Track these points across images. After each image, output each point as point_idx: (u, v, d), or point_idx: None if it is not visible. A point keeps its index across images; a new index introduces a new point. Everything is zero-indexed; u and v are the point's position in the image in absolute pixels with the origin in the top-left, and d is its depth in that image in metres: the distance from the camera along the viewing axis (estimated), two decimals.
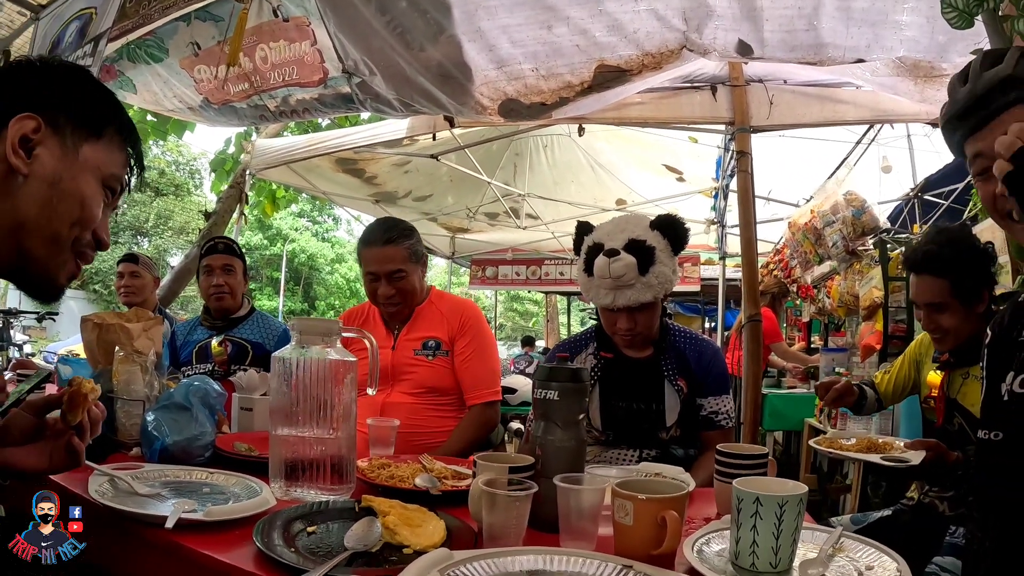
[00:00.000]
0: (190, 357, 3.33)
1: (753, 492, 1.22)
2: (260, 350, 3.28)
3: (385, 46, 3.06)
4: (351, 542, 1.25)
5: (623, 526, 1.26)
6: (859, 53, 2.58)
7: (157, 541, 1.34)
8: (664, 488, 1.32)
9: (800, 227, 5.89)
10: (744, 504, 1.22)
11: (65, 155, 1.16)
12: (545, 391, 1.49)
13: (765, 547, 1.21)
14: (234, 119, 4.21)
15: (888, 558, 1.28)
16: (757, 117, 3.81)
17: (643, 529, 1.24)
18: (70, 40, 3.17)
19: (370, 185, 7.19)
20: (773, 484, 1.28)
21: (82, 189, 1.19)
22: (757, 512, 1.21)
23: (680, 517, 1.23)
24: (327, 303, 33.33)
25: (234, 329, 3.37)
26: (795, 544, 1.24)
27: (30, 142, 1.12)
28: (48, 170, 1.14)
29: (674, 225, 2.32)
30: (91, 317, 2.31)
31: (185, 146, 29.12)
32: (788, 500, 1.21)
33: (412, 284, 2.68)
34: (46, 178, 1.14)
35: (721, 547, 1.34)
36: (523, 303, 35.10)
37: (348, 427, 1.65)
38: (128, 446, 2.02)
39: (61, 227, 1.17)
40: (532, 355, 12.48)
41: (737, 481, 1.26)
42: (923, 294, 2.42)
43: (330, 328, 1.69)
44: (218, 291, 3.33)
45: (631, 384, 2.39)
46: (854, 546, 1.35)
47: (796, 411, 5.73)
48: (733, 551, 1.26)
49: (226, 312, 3.39)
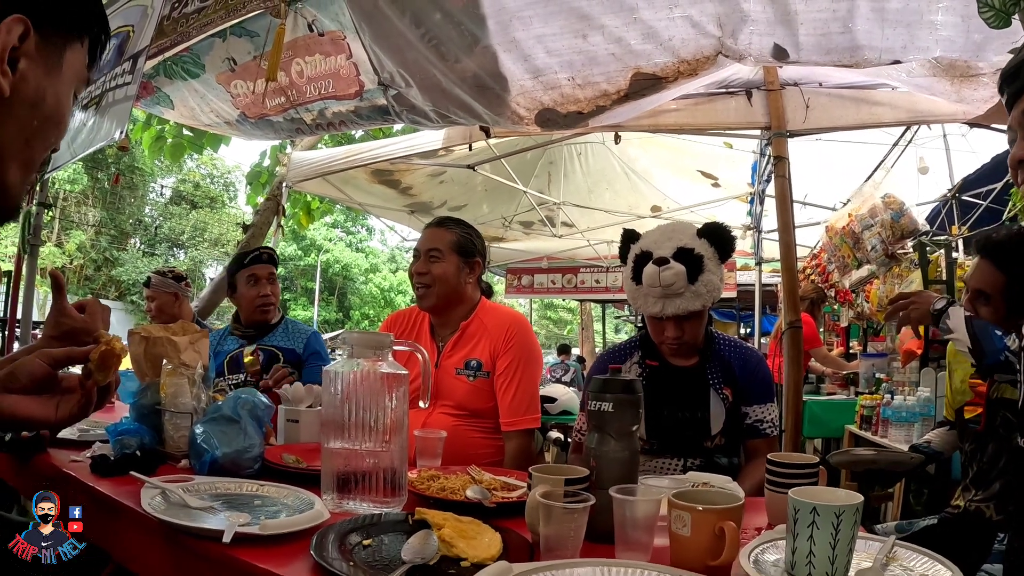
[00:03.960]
0: (222, 367, 3.35)
1: (810, 502, 1.20)
2: (291, 355, 3.32)
3: (420, 58, 3.07)
4: (408, 555, 1.25)
5: (680, 537, 1.25)
6: (895, 54, 2.55)
7: (213, 555, 1.34)
8: (720, 499, 1.31)
9: (838, 231, 5.83)
10: (801, 514, 1.21)
11: (50, 68, 0.96)
12: (599, 403, 1.49)
13: (822, 557, 1.19)
14: (271, 132, 4.26)
15: (942, 567, 1.26)
16: (793, 121, 3.78)
17: (701, 540, 1.23)
18: (108, 58, 3.22)
19: (405, 196, 7.25)
20: (826, 493, 1.27)
21: (62, 107, 1.00)
22: (814, 522, 1.19)
23: (738, 528, 1.22)
24: (361, 312, 33.60)
25: (265, 337, 3.40)
26: (851, 554, 1.22)
27: (16, 51, 0.90)
28: (32, 89, 0.94)
29: (721, 233, 2.31)
30: (138, 330, 2.33)
31: (220, 159, 29.66)
32: (845, 510, 1.19)
33: (446, 272, 2.64)
34: (28, 99, 0.94)
35: (776, 557, 1.32)
36: (557, 311, 35.09)
37: (400, 439, 1.65)
38: (176, 458, 2.04)
39: (39, 152, 1.00)
40: (569, 363, 12.47)
41: (793, 491, 1.25)
42: (977, 279, 2.43)
43: (382, 341, 1.69)
44: (265, 301, 3.37)
45: (676, 392, 2.38)
46: (907, 555, 1.33)
47: (836, 417, 5.65)
48: (789, 561, 1.24)
49: (265, 322, 3.43)
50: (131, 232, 31.32)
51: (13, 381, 1.18)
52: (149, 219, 32.11)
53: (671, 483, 1.68)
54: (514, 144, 5.89)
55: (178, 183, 31.75)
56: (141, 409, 2.16)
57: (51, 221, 26.27)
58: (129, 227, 31.00)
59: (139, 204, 31.21)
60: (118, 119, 2.94)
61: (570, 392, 6.17)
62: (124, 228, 30.63)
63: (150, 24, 2.98)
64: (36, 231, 4.31)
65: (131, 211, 30.79)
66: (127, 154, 24.20)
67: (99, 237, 29.42)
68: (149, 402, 2.15)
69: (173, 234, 31.25)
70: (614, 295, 11.15)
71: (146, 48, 2.95)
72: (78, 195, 28.41)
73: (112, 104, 3.02)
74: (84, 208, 29.24)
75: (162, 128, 6.91)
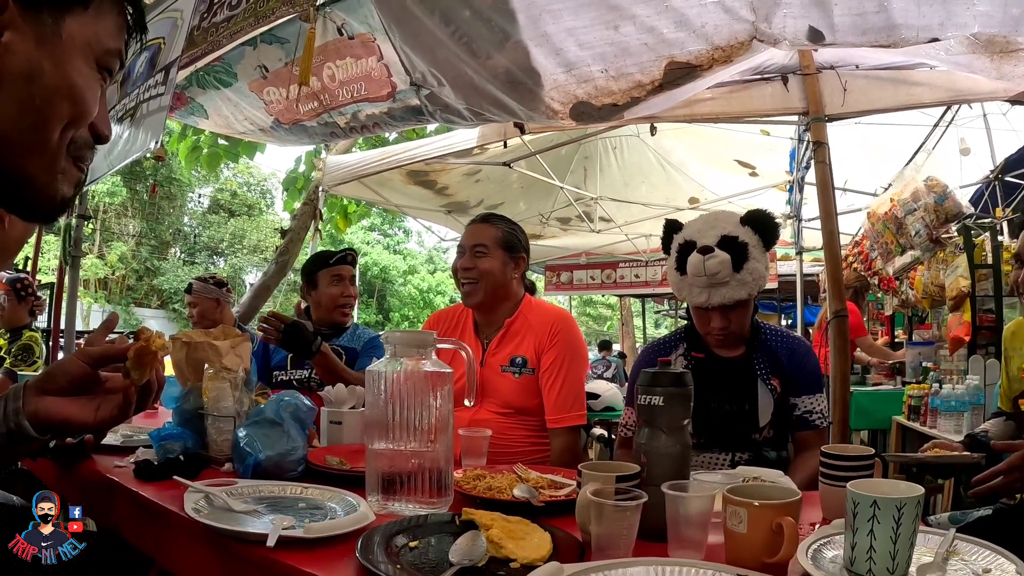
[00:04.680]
0: (284, 361, 3.38)
1: (870, 495, 1.16)
2: (352, 355, 3.34)
3: (452, 56, 3.06)
4: (456, 557, 1.23)
5: (736, 534, 1.22)
6: (932, 32, 2.49)
7: (257, 559, 1.33)
8: (776, 494, 1.28)
9: (880, 217, 5.71)
10: (860, 508, 1.17)
11: (43, 38, 0.88)
12: (649, 397, 1.46)
13: (882, 552, 1.15)
14: (305, 138, 4.28)
15: (1005, 560, 1.22)
16: (831, 105, 3.70)
17: (758, 536, 1.20)
18: (141, 71, 3.25)
19: (442, 196, 7.27)
20: (886, 486, 1.22)
21: (71, 78, 0.92)
22: (874, 516, 1.15)
23: (796, 523, 1.19)
24: (401, 314, 33.84)
25: (337, 338, 3.42)
26: (912, 548, 1.18)
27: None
28: (22, 62, 0.87)
29: (765, 220, 2.28)
30: (179, 336, 2.36)
31: (255, 167, 30.04)
32: (906, 502, 1.15)
33: (492, 267, 2.64)
34: (20, 73, 0.87)
35: (835, 553, 1.28)
36: (596, 307, 34.96)
37: (445, 439, 1.63)
38: (220, 462, 2.05)
39: (50, 133, 0.91)
40: (610, 359, 12.42)
41: (851, 484, 1.21)
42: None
43: (425, 340, 1.68)
44: (347, 302, 3.43)
45: (723, 385, 2.34)
46: (967, 548, 1.29)
47: (883, 408, 5.51)
48: (848, 557, 1.20)
49: (341, 322, 3.46)
50: (171, 242, 31.86)
51: (51, 382, 1.17)
52: (188, 228, 32.64)
53: (723, 478, 1.64)
54: (549, 140, 5.87)
55: (215, 192, 32.22)
56: (184, 414, 2.18)
57: (92, 233, 26.79)
58: (169, 237, 31.54)
59: (178, 214, 31.72)
60: (153, 130, 2.98)
61: (613, 388, 6.12)
62: (164, 238, 31.17)
63: (180, 35, 3.01)
64: (77, 243, 4.38)
65: (170, 221, 31.30)
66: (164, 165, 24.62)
67: (140, 248, 29.95)
68: (192, 407, 2.18)
69: (212, 242, 31.71)
70: (654, 289, 11.07)
71: (178, 59, 2.98)
72: (118, 207, 28.94)
73: (147, 115, 3.06)
74: (124, 220, 29.78)
75: (197, 138, 7.01)
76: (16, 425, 1.11)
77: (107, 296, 27.31)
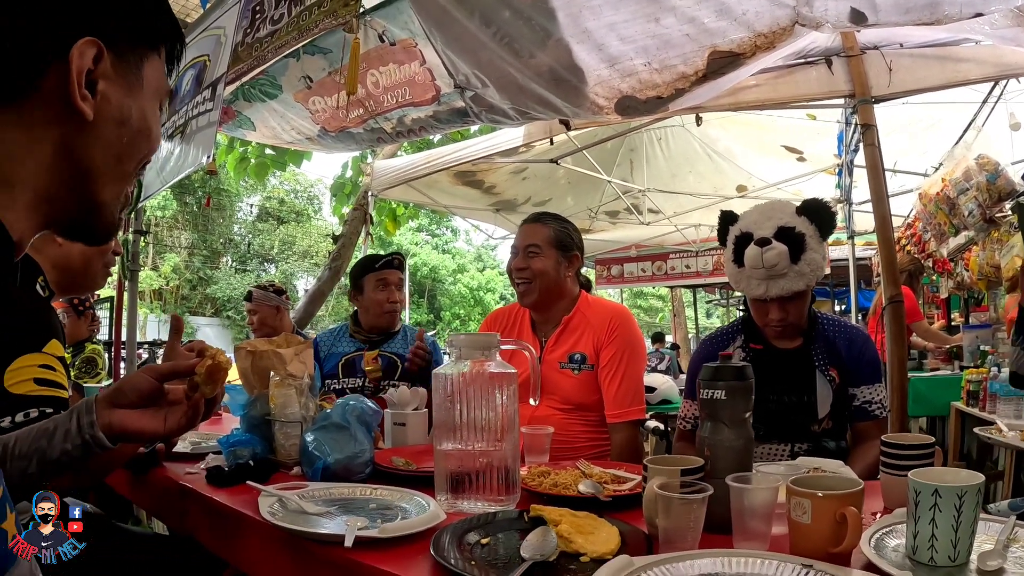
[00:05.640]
0: (335, 369, 3.38)
1: (931, 484, 1.17)
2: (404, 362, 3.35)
3: (494, 57, 3.09)
4: (528, 552, 1.26)
5: (800, 525, 1.23)
6: (976, 6, 2.43)
7: (335, 559, 1.36)
8: (839, 484, 1.28)
9: (931, 198, 5.58)
10: (922, 497, 1.18)
11: (130, 85, 0.94)
12: (712, 390, 1.47)
13: (944, 540, 1.17)
14: (352, 144, 4.35)
15: None
16: (877, 86, 3.64)
17: (822, 527, 1.20)
18: (187, 89, 3.32)
19: (489, 195, 7.33)
20: (948, 474, 1.23)
21: (149, 121, 0.98)
22: (936, 504, 1.17)
23: (859, 513, 1.20)
24: (452, 313, 33.95)
25: (387, 344, 3.42)
26: (973, 536, 1.19)
27: (92, 74, 0.88)
28: (115, 108, 0.92)
29: (821, 210, 2.27)
30: (244, 345, 2.41)
31: (302, 174, 30.31)
32: (967, 491, 1.16)
33: (545, 266, 2.65)
34: (113, 118, 0.92)
35: (897, 542, 1.29)
36: (647, 299, 34.67)
37: (512, 438, 1.67)
38: (288, 466, 2.10)
39: (130, 166, 0.98)
40: (663, 351, 12.34)
41: (913, 473, 1.22)
42: None
43: (489, 342, 1.71)
44: (393, 307, 3.42)
45: (782, 376, 2.33)
46: None
47: (941, 395, 5.40)
48: (911, 546, 1.21)
49: (389, 327, 3.47)
50: (222, 251, 32.37)
51: (121, 397, 1.26)
52: (239, 237, 33.12)
53: (786, 470, 1.65)
54: (594, 135, 5.87)
55: (263, 200, 32.66)
56: (251, 420, 2.24)
57: (146, 247, 27.36)
58: (220, 246, 32.05)
59: (228, 224, 32.21)
60: (204, 145, 3.04)
61: (668, 381, 6.10)
62: (215, 248, 31.69)
63: (225, 52, 3.07)
64: (134, 257, 4.51)
65: (220, 231, 31.80)
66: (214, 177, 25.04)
67: (192, 258, 30.50)
68: (259, 413, 2.23)
69: (263, 250, 32.16)
70: (705, 279, 10.96)
71: (224, 75, 3.04)
72: (169, 220, 29.49)
73: (197, 131, 3.12)
74: (176, 232, 30.35)
75: (244, 149, 7.12)
76: (92, 437, 1.21)
77: (162, 306, 27.83)
